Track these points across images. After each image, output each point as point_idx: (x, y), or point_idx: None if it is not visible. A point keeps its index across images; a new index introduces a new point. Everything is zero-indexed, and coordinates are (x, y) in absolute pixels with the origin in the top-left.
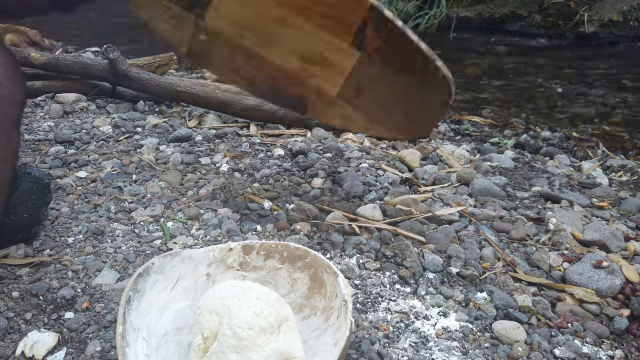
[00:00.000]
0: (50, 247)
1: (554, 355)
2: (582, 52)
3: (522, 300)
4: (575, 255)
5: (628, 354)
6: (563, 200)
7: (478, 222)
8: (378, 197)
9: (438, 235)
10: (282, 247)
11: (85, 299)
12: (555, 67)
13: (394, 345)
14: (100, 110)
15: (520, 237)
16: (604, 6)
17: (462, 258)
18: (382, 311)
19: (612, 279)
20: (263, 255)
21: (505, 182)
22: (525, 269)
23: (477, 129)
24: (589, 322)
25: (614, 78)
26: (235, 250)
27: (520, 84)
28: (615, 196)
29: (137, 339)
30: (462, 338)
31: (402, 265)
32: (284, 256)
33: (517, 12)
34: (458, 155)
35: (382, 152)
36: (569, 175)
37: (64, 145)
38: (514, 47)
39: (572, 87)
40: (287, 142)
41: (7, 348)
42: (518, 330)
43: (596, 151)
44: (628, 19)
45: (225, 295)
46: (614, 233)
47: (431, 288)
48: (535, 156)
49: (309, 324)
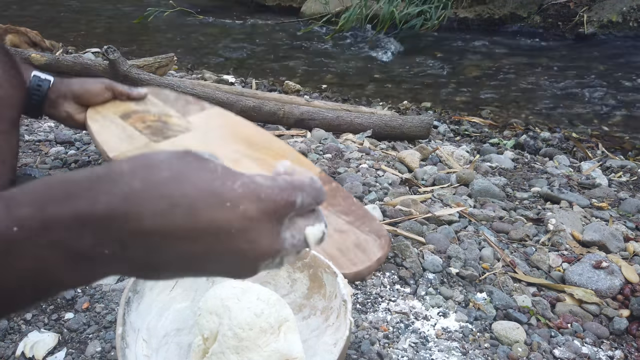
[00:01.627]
0: None
1: (553, 355)
2: (582, 53)
3: (522, 301)
4: (574, 256)
5: (627, 354)
6: (562, 200)
7: (478, 223)
8: (378, 197)
9: (438, 235)
10: None
11: (86, 299)
12: (555, 68)
13: (394, 345)
14: None
15: (519, 237)
16: (603, 7)
17: (461, 258)
18: (382, 311)
19: (611, 280)
20: None
21: (505, 183)
22: (524, 269)
23: (477, 130)
24: (588, 323)
25: (613, 79)
26: None
27: (520, 85)
28: (615, 197)
29: (137, 340)
30: (462, 338)
31: (401, 266)
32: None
33: (517, 13)
34: (458, 156)
35: (382, 152)
36: (569, 175)
37: (64, 146)
38: (514, 48)
39: (571, 87)
40: (287, 143)
41: (7, 348)
42: (518, 330)
43: (595, 152)
44: (627, 20)
45: (226, 296)
46: (614, 233)
47: (431, 288)
48: (535, 157)
49: (309, 324)
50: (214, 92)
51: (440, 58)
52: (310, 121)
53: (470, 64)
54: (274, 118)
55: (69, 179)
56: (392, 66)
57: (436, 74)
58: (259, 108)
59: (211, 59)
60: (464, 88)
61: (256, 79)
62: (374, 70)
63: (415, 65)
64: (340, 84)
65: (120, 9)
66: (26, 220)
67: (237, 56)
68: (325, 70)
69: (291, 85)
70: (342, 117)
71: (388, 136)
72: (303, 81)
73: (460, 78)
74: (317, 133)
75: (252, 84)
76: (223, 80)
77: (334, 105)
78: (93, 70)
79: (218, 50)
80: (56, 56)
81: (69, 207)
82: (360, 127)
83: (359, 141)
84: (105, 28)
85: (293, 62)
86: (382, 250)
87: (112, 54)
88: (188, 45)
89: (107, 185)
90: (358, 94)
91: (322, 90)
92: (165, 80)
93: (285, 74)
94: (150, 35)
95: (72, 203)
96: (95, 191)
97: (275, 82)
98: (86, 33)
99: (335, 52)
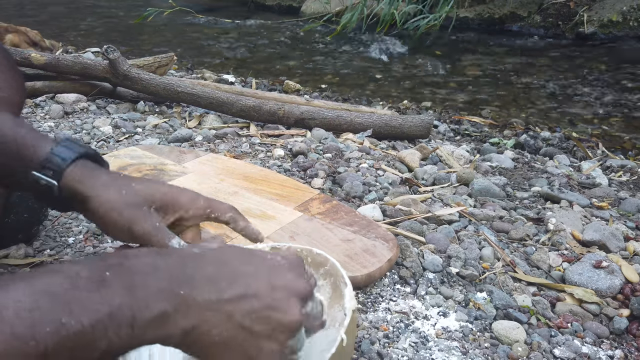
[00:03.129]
0: (50, 247)
1: (553, 355)
2: (582, 52)
3: (522, 300)
4: (574, 256)
5: (628, 354)
6: (563, 200)
7: (478, 222)
8: (378, 197)
9: (438, 235)
10: (306, 252)
11: None
12: (555, 68)
13: (394, 345)
14: (100, 111)
15: (519, 237)
16: (603, 7)
17: (461, 258)
18: (382, 311)
19: (611, 279)
20: None
21: (505, 183)
22: (524, 269)
23: (477, 129)
24: (588, 322)
25: (613, 78)
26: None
27: (520, 84)
28: (615, 196)
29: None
30: (462, 338)
31: (402, 265)
32: (308, 261)
33: (517, 13)
34: (458, 156)
35: (382, 152)
36: (569, 175)
37: None
38: (514, 47)
39: (571, 87)
40: (287, 143)
41: None
42: (518, 330)
43: (596, 151)
44: (627, 19)
45: None
46: (614, 233)
47: (431, 288)
48: (535, 156)
49: (327, 335)
50: (214, 92)
51: (440, 58)
52: (310, 121)
53: (470, 63)
54: (273, 117)
55: (140, 250)
56: (392, 66)
57: (436, 74)
58: (259, 107)
59: (211, 58)
60: (464, 88)
61: (256, 78)
62: (374, 70)
63: (415, 65)
64: (340, 84)
65: (120, 9)
66: (115, 266)
67: (237, 56)
68: (325, 69)
69: (291, 85)
70: (342, 117)
71: (388, 136)
72: (303, 81)
73: (460, 78)
74: (317, 132)
75: (252, 84)
76: (223, 80)
77: (334, 104)
78: (93, 70)
79: (218, 50)
80: (56, 56)
81: (147, 259)
82: (360, 127)
83: (359, 141)
84: (105, 28)
85: (293, 62)
86: (391, 252)
87: (112, 54)
88: (188, 45)
89: (172, 250)
90: (358, 94)
91: (322, 90)
92: (165, 80)
93: (285, 73)
94: (150, 34)
95: (147, 259)
96: (163, 253)
97: (275, 81)
98: (86, 32)
99: (335, 52)
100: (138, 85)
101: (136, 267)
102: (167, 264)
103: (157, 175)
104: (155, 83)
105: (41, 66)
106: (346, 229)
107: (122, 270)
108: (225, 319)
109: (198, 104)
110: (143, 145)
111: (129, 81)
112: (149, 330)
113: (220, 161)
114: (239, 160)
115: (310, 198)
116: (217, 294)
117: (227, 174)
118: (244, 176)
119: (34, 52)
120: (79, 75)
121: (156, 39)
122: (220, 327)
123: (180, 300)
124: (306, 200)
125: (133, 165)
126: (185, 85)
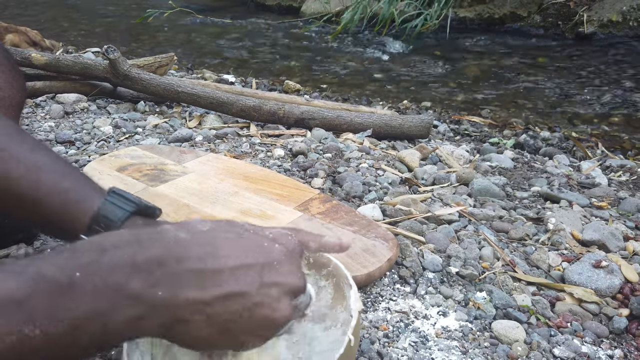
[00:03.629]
0: (51, 247)
1: (553, 354)
2: (582, 52)
3: (522, 300)
4: (574, 255)
5: (627, 353)
6: (562, 200)
7: (477, 222)
8: (378, 197)
9: (437, 235)
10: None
11: None
12: (554, 67)
13: (394, 344)
14: (100, 111)
15: (519, 237)
16: (603, 6)
17: (461, 258)
18: (382, 311)
19: (611, 279)
20: None
21: (505, 182)
22: (524, 268)
23: (477, 129)
24: (588, 322)
25: (613, 78)
26: None
27: (520, 84)
28: (615, 196)
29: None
30: (462, 337)
31: (401, 265)
32: (310, 262)
33: (517, 13)
34: (457, 156)
35: (382, 152)
36: (568, 175)
37: (64, 146)
38: (514, 47)
39: (571, 87)
40: (287, 143)
41: None
42: (517, 329)
43: (595, 151)
44: (627, 19)
45: None
46: (613, 233)
47: (431, 288)
48: (535, 156)
49: (329, 335)
50: (214, 92)
51: (440, 58)
52: (310, 120)
53: (470, 63)
54: (274, 117)
55: (121, 237)
56: (392, 66)
57: (436, 74)
58: (259, 107)
59: (211, 58)
60: (464, 88)
61: (256, 78)
62: (374, 70)
63: (415, 65)
64: (340, 84)
65: (120, 9)
66: (87, 265)
67: (237, 56)
68: (325, 70)
69: (291, 85)
70: (342, 117)
71: (388, 135)
72: (303, 81)
73: (460, 78)
74: (317, 132)
75: (252, 84)
76: (223, 80)
77: (334, 104)
78: (93, 70)
79: (218, 50)
80: (56, 56)
81: (125, 253)
82: (360, 127)
83: (359, 141)
84: (105, 28)
85: (293, 62)
86: (391, 252)
87: (112, 54)
88: (188, 45)
89: (157, 236)
90: (358, 94)
91: (322, 90)
92: (165, 80)
93: (285, 73)
94: (151, 35)
95: (127, 251)
96: (146, 241)
97: (275, 81)
98: (86, 32)
99: (335, 52)
100: (138, 85)
101: (111, 265)
102: (147, 259)
103: (157, 174)
104: (156, 83)
105: (41, 66)
106: (346, 228)
107: (95, 271)
108: (206, 318)
109: (198, 104)
110: (143, 145)
111: (129, 81)
112: (124, 332)
113: (221, 161)
114: (239, 160)
115: (310, 198)
116: (200, 292)
117: (227, 173)
118: (244, 176)
119: (34, 52)
120: (79, 75)
121: (156, 39)
122: (201, 324)
123: (157, 302)
124: (306, 200)
125: (133, 165)
126: (185, 85)
